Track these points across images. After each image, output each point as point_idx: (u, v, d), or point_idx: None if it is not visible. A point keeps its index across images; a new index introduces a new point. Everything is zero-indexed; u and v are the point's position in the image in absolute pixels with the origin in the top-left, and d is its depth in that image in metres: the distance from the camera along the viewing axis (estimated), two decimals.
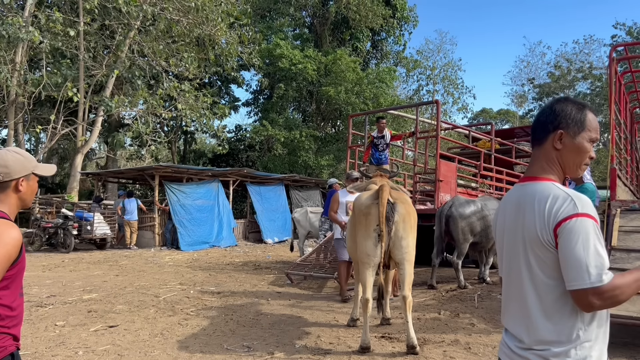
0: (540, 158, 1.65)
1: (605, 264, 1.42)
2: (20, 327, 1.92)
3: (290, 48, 24.97)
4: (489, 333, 5.15)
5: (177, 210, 15.27)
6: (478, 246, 8.26)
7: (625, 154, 7.94)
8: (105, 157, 26.13)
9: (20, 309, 1.92)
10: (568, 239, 1.44)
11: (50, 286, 7.96)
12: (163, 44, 19.59)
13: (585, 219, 1.44)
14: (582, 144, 1.60)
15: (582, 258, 1.41)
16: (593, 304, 1.41)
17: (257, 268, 10.79)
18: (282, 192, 19.95)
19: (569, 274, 1.44)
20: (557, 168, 1.63)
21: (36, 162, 2.01)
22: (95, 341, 4.75)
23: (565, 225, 1.44)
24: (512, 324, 1.67)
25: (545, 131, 1.64)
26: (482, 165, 9.96)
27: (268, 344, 4.68)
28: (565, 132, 1.60)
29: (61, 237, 13.87)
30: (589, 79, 34.68)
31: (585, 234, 1.42)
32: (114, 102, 18.16)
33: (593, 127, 1.62)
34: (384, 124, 10.02)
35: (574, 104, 1.64)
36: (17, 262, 1.84)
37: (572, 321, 1.48)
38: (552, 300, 1.51)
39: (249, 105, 30.15)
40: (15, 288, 1.88)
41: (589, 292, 1.39)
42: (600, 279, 1.39)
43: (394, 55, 32.10)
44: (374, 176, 5.70)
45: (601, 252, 1.42)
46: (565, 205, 1.47)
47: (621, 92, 7.58)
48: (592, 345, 1.47)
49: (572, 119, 1.60)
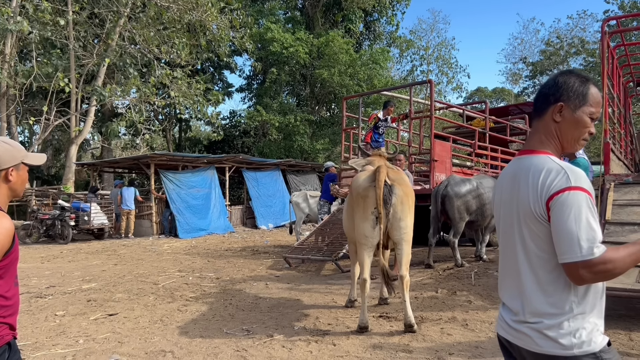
0: (539, 130, 1.64)
1: (597, 237, 1.41)
2: (16, 317, 1.93)
3: (281, 31, 24.75)
4: (485, 310, 5.20)
5: (174, 198, 15.28)
6: (474, 224, 8.29)
7: (619, 128, 7.95)
8: (100, 147, 26.03)
9: (16, 299, 1.93)
10: (560, 212, 1.43)
11: (50, 277, 7.99)
12: (154, 31, 19.37)
13: (578, 192, 1.43)
14: (582, 118, 1.59)
15: (574, 231, 1.41)
16: (584, 277, 1.41)
17: (255, 253, 10.83)
18: (278, 177, 19.94)
19: (561, 247, 1.44)
20: (555, 142, 1.62)
21: (26, 152, 2.00)
22: (95, 329, 4.78)
23: (557, 199, 1.44)
24: (507, 297, 1.67)
25: (546, 103, 1.63)
26: (476, 144, 9.96)
27: (267, 327, 4.72)
28: (565, 104, 1.58)
29: (59, 229, 13.88)
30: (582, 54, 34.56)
31: (578, 207, 1.42)
32: (106, 91, 18.03)
33: (595, 102, 1.60)
34: (392, 110, 9.97)
35: (577, 77, 1.62)
36: (10, 252, 1.84)
37: (565, 294, 1.48)
38: (545, 273, 1.51)
39: (243, 90, 29.98)
40: (10, 278, 1.88)
41: (580, 265, 1.39)
42: (591, 252, 1.39)
43: (387, 36, 31.88)
44: (373, 155, 5.68)
45: (593, 225, 1.42)
46: (559, 179, 1.46)
47: (614, 66, 7.56)
48: (586, 317, 1.47)
49: (573, 91, 1.59)
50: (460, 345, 4.05)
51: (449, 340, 4.18)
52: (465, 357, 3.75)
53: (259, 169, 19.74)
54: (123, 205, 15.21)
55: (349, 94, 21.73)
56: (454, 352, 3.87)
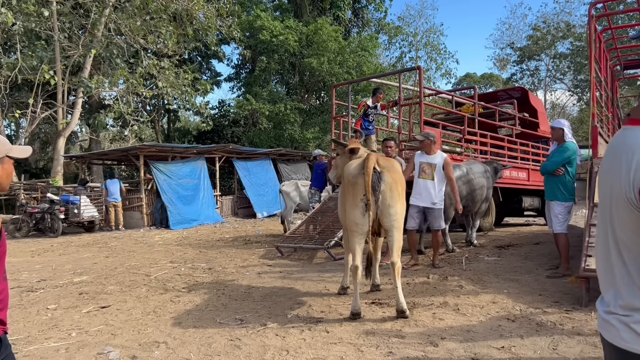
0: None
1: None
2: (6, 312, 1.92)
3: (270, 19, 24.58)
4: (476, 294, 5.25)
5: (164, 188, 15.23)
6: (465, 210, 8.33)
7: (606, 112, 8.00)
8: (89, 140, 25.82)
9: (5, 293, 1.92)
10: None
11: (40, 271, 7.95)
12: (140, 21, 19.15)
13: None
14: None
15: None
16: None
17: (247, 243, 10.83)
18: (269, 167, 19.90)
19: None
20: None
21: (10, 145, 1.98)
22: (88, 322, 4.77)
23: None
24: (602, 287, 1.46)
25: None
26: (466, 129, 9.98)
27: (260, 316, 4.74)
28: None
29: (48, 222, 13.79)
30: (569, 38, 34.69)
31: None
32: (93, 82, 17.84)
33: None
34: (381, 97, 9.96)
35: None
36: None
37: None
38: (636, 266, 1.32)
39: (232, 80, 29.82)
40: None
41: None
42: None
43: (375, 23, 31.78)
44: (351, 142, 5.68)
45: None
46: None
47: (601, 49, 7.60)
48: None
49: None
50: (452, 329, 4.10)
51: (441, 325, 4.22)
52: (457, 341, 3.79)
53: (250, 158, 19.69)
54: (109, 198, 15.14)
55: (338, 82, 21.66)
56: (446, 336, 3.91)
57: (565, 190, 5.96)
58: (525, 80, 40.24)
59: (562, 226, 5.96)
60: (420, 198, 6.85)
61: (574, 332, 3.89)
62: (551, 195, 6.05)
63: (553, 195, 6.02)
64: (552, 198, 6.03)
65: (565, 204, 5.96)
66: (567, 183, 5.97)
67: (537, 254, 7.49)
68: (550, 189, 6.05)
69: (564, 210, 5.97)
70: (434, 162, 6.81)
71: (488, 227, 10.38)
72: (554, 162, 5.96)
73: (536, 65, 40.11)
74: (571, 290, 5.04)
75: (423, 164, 6.86)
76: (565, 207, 5.97)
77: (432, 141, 6.92)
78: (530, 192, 11.50)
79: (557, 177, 5.96)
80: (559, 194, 5.96)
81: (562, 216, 5.96)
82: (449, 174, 6.78)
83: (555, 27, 35.83)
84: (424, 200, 6.82)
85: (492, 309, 4.67)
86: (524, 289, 5.37)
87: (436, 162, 6.81)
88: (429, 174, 6.79)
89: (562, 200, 5.95)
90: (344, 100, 15.74)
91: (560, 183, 5.96)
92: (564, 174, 5.95)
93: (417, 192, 6.89)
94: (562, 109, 41.92)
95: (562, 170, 5.93)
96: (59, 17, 17.79)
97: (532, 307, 4.66)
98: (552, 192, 6.03)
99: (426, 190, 6.79)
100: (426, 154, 6.91)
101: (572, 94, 39.16)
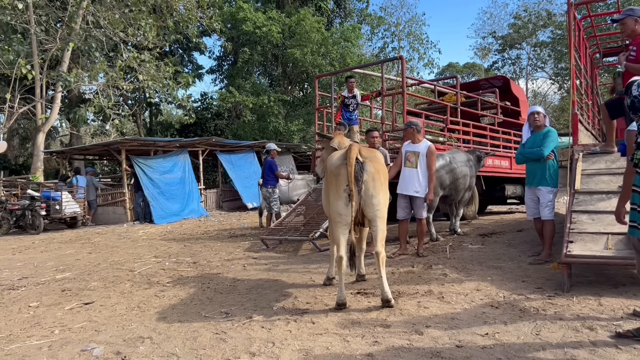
0: None
1: None
2: None
3: (252, 10, 24.37)
4: (461, 282, 5.29)
5: (146, 184, 15.08)
6: (448, 199, 8.40)
7: (586, 99, 8.09)
8: (69, 135, 25.43)
9: None
10: None
11: (22, 268, 7.83)
12: (119, 13, 18.83)
13: None
14: None
15: None
16: None
17: (232, 236, 10.79)
18: (253, 159, 19.79)
19: None
20: None
21: None
22: (71, 319, 4.71)
23: None
24: None
25: None
26: (448, 119, 10.03)
27: (246, 309, 4.73)
28: None
29: (29, 219, 13.59)
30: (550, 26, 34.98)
31: None
32: (72, 76, 17.53)
33: None
34: (353, 83, 9.95)
35: None
36: None
37: None
38: None
39: (214, 72, 29.55)
40: None
41: None
42: None
43: (357, 13, 31.72)
44: (335, 135, 5.69)
45: None
46: None
47: (581, 37, 7.66)
48: None
49: None
50: (437, 317, 4.13)
51: (426, 314, 4.25)
52: (441, 329, 3.82)
53: (233, 151, 19.56)
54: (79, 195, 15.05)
55: (321, 73, 21.59)
56: (431, 324, 3.94)
57: (554, 175, 6.00)
58: (507, 69, 40.53)
59: (552, 213, 6.01)
60: (405, 187, 6.90)
61: (556, 317, 3.94)
62: (540, 181, 6.03)
63: (542, 181, 6.01)
64: (541, 184, 6.02)
65: (554, 189, 6.00)
66: (555, 168, 6.01)
67: (520, 241, 7.58)
68: (541, 175, 6.01)
69: (552, 196, 6.01)
70: (417, 151, 6.85)
71: (471, 216, 10.47)
72: (548, 147, 5.94)
73: (517, 54, 40.41)
74: (553, 276, 5.10)
75: (408, 153, 6.91)
76: (553, 192, 6.02)
77: (415, 129, 6.94)
78: (513, 180, 11.62)
79: (546, 162, 5.98)
80: (549, 180, 5.97)
81: (551, 202, 6.01)
82: (429, 163, 6.80)
83: (536, 16, 36.08)
84: (408, 188, 6.86)
85: (476, 296, 4.71)
86: (507, 276, 5.43)
87: (420, 150, 6.84)
88: (413, 163, 6.83)
89: (551, 186, 5.98)
90: (327, 91, 15.70)
91: (550, 168, 5.98)
92: (553, 159, 5.98)
93: (403, 180, 6.93)
94: (543, 97, 42.33)
95: (552, 155, 5.97)
96: (35, 9, 17.41)
97: (515, 293, 4.71)
98: (541, 178, 6.01)
99: (410, 178, 6.84)
100: (412, 143, 6.96)
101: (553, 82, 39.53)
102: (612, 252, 4.50)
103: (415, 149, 6.89)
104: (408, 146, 7.00)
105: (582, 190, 5.54)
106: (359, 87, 21.68)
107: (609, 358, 3.13)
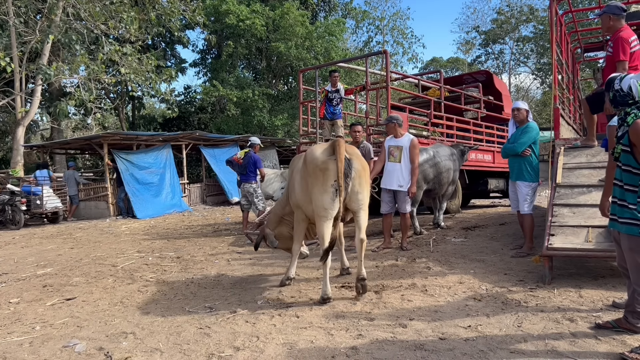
0: None
1: None
2: None
3: (236, 3, 24.17)
4: (444, 275, 5.34)
5: (127, 179, 14.91)
6: (432, 193, 8.45)
7: (568, 94, 8.18)
8: (50, 129, 25.02)
9: None
10: None
11: (1, 264, 7.71)
12: (100, 6, 18.50)
13: None
14: None
15: None
16: None
17: (216, 231, 10.74)
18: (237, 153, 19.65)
19: None
20: None
21: None
22: (52, 315, 4.66)
23: None
24: None
25: None
26: (432, 113, 10.08)
27: (230, 303, 4.72)
28: None
29: (9, 214, 13.36)
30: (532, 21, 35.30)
31: None
32: (52, 69, 17.19)
33: None
34: (336, 77, 9.93)
35: None
36: None
37: None
38: None
39: (197, 65, 29.25)
40: None
41: None
42: None
43: (342, 7, 31.65)
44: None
45: None
46: None
47: (562, 32, 7.73)
48: None
49: None
50: (420, 310, 4.16)
51: (409, 306, 4.28)
52: (425, 322, 3.85)
53: (217, 145, 19.42)
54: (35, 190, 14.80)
55: (305, 67, 21.51)
56: (415, 317, 3.97)
57: (532, 170, 6.09)
58: (490, 64, 40.87)
59: (530, 207, 6.10)
60: (389, 181, 6.93)
61: (538, 309, 4.00)
62: (518, 176, 6.15)
63: (520, 176, 6.13)
64: (519, 179, 6.13)
65: (532, 184, 6.09)
66: (534, 163, 6.10)
67: (502, 234, 7.66)
68: (518, 170, 6.14)
69: (531, 190, 6.10)
70: (400, 145, 6.88)
71: (455, 209, 10.55)
72: (522, 143, 6.05)
73: (501, 49, 40.76)
74: (535, 269, 5.17)
75: (391, 148, 6.94)
76: (532, 187, 6.10)
77: (397, 124, 6.96)
78: (496, 174, 11.73)
79: (524, 157, 6.07)
80: (527, 175, 6.07)
81: (530, 197, 6.10)
82: (411, 156, 6.84)
83: (518, 11, 36.41)
84: (392, 183, 6.89)
85: (459, 289, 4.75)
86: (490, 269, 5.48)
87: (403, 144, 6.88)
88: (397, 157, 6.86)
89: (529, 181, 6.08)
90: (312, 85, 15.66)
91: (527, 163, 6.08)
92: (530, 154, 6.07)
93: (387, 175, 6.97)
94: (526, 92, 42.76)
95: (529, 151, 6.05)
96: (14, 1, 17.06)
97: (497, 286, 4.77)
98: (519, 173, 6.13)
99: (394, 172, 6.87)
100: (394, 137, 6.99)
101: (536, 77, 39.96)
102: (592, 245, 4.57)
103: (398, 143, 6.92)
104: (390, 140, 7.03)
105: (563, 184, 5.61)
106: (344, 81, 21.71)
107: (588, 349, 3.18)
